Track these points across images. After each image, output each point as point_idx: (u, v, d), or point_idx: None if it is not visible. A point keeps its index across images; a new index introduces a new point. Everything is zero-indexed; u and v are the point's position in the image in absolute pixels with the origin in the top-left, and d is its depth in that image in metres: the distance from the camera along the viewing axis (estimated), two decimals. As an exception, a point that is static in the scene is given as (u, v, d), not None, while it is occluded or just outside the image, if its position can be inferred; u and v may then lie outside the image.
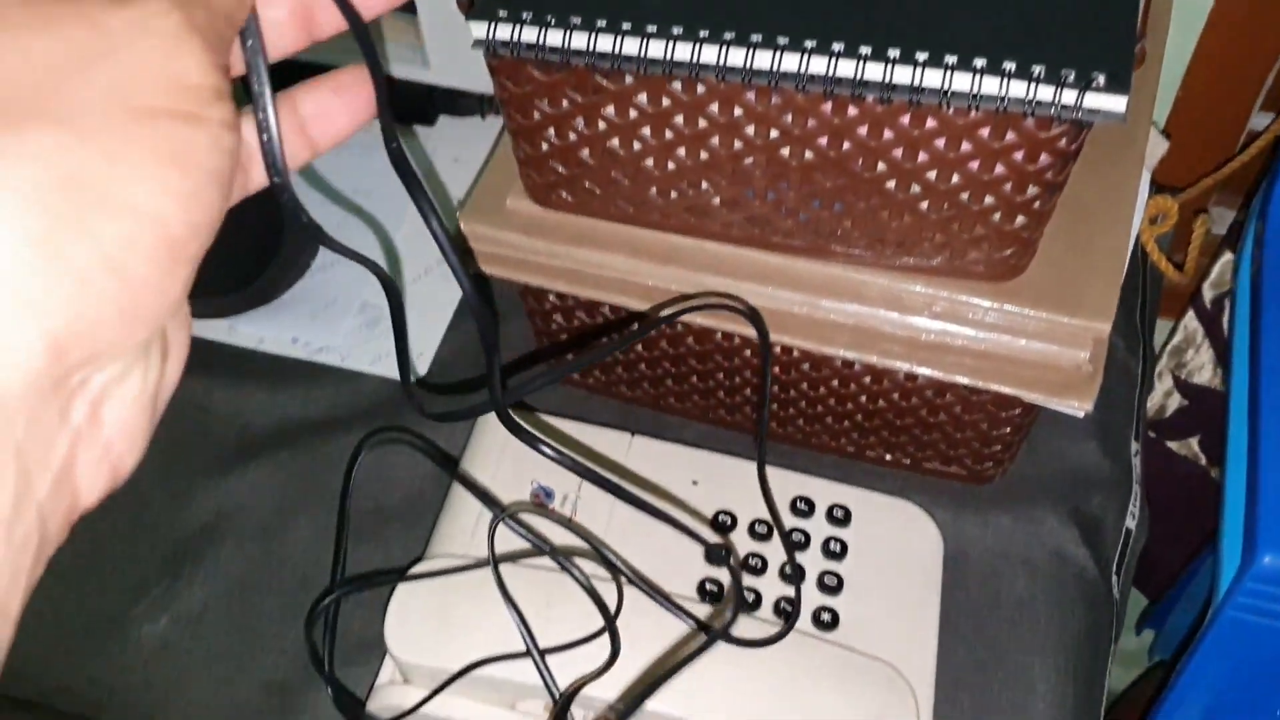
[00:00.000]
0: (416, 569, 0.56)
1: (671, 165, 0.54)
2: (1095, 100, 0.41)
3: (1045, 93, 0.41)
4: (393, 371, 0.73)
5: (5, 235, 0.19)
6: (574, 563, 0.53)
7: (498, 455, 0.62)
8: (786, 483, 0.62)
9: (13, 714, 0.61)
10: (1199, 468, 0.90)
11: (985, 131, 0.46)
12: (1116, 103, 0.41)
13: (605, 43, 0.45)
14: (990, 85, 0.42)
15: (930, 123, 0.47)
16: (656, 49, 0.45)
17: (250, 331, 0.75)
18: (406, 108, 0.85)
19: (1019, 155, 0.47)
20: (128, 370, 0.24)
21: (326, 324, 0.75)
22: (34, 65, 0.20)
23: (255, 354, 0.74)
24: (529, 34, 0.46)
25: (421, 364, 0.73)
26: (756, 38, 0.44)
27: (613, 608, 0.51)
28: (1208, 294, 0.84)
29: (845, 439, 0.66)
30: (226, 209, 0.24)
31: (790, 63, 0.44)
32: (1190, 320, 0.86)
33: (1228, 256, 0.83)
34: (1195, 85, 0.74)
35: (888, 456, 0.66)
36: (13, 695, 0.61)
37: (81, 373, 0.22)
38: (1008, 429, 0.61)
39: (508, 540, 0.57)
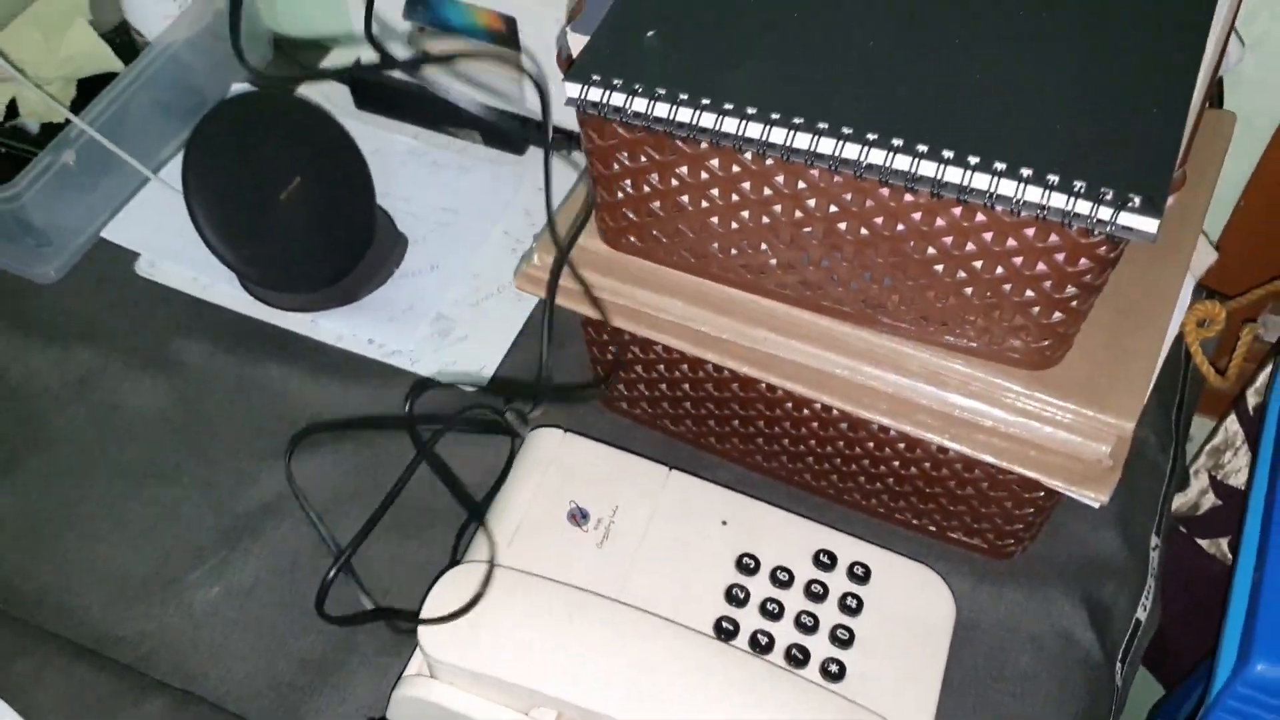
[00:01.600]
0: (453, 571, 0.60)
1: (735, 225, 0.57)
2: (1129, 220, 0.44)
3: (1083, 207, 0.44)
4: (461, 379, 0.77)
5: None
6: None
7: (541, 472, 0.66)
8: (813, 535, 0.64)
9: (68, 660, 0.65)
10: (1226, 568, 0.91)
11: (1030, 231, 0.50)
12: (1149, 224, 0.44)
13: (685, 114, 0.49)
14: (1033, 194, 0.45)
15: (979, 216, 0.50)
16: (730, 125, 0.49)
17: (331, 328, 0.80)
18: (501, 136, 0.89)
19: (1060, 256, 0.50)
20: None
21: (402, 328, 0.79)
22: None
23: (333, 349, 0.79)
24: (617, 99, 0.50)
25: (483, 376, 0.77)
26: (823, 125, 0.48)
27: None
28: (1251, 400, 0.86)
29: (876, 500, 0.69)
30: None
31: (851, 151, 0.47)
32: (1232, 423, 0.87)
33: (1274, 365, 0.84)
34: (1255, 200, 0.76)
35: (914, 521, 0.69)
36: (71, 640, 0.66)
37: None
38: (1030, 509, 0.63)
39: (537, 555, 0.60)
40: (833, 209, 0.53)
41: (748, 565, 0.63)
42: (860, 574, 0.63)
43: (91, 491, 0.73)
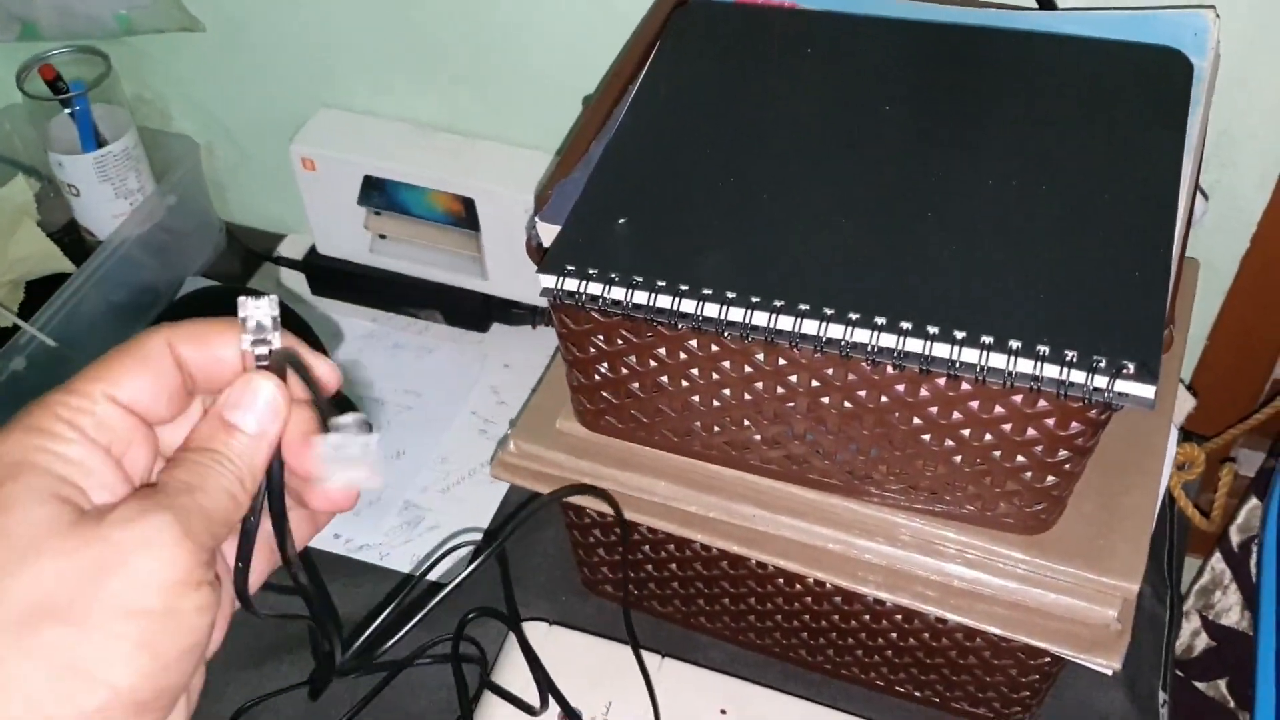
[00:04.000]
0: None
1: (716, 403, 0.56)
2: (1124, 386, 0.43)
3: (1077, 377, 0.44)
4: (430, 574, 0.74)
5: (10, 708, 0.26)
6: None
7: (526, 671, 0.63)
8: (815, 718, 0.62)
9: None
10: (1228, 710, 0.89)
11: (1018, 398, 0.49)
12: (1145, 390, 0.43)
13: (664, 301, 0.48)
14: (1025, 366, 0.44)
15: (964, 385, 0.49)
16: (711, 310, 0.48)
17: (295, 525, 0.77)
18: (463, 314, 0.89)
19: (1050, 421, 0.50)
20: None
21: (369, 521, 0.77)
22: (63, 578, 0.27)
23: (298, 548, 0.76)
24: (594, 288, 0.49)
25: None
26: (804, 306, 0.47)
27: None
28: (1235, 537, 0.85)
29: (875, 673, 0.67)
30: (204, 659, 0.30)
31: (835, 332, 0.47)
32: (1218, 562, 0.86)
33: (1254, 501, 0.84)
34: (1222, 341, 0.76)
35: (916, 693, 0.67)
36: None
37: None
38: (1036, 676, 0.61)
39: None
40: (815, 383, 0.53)
41: (751, 756, 0.60)
42: (868, 756, 0.61)
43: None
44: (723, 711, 0.62)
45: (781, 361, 0.52)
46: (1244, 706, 0.88)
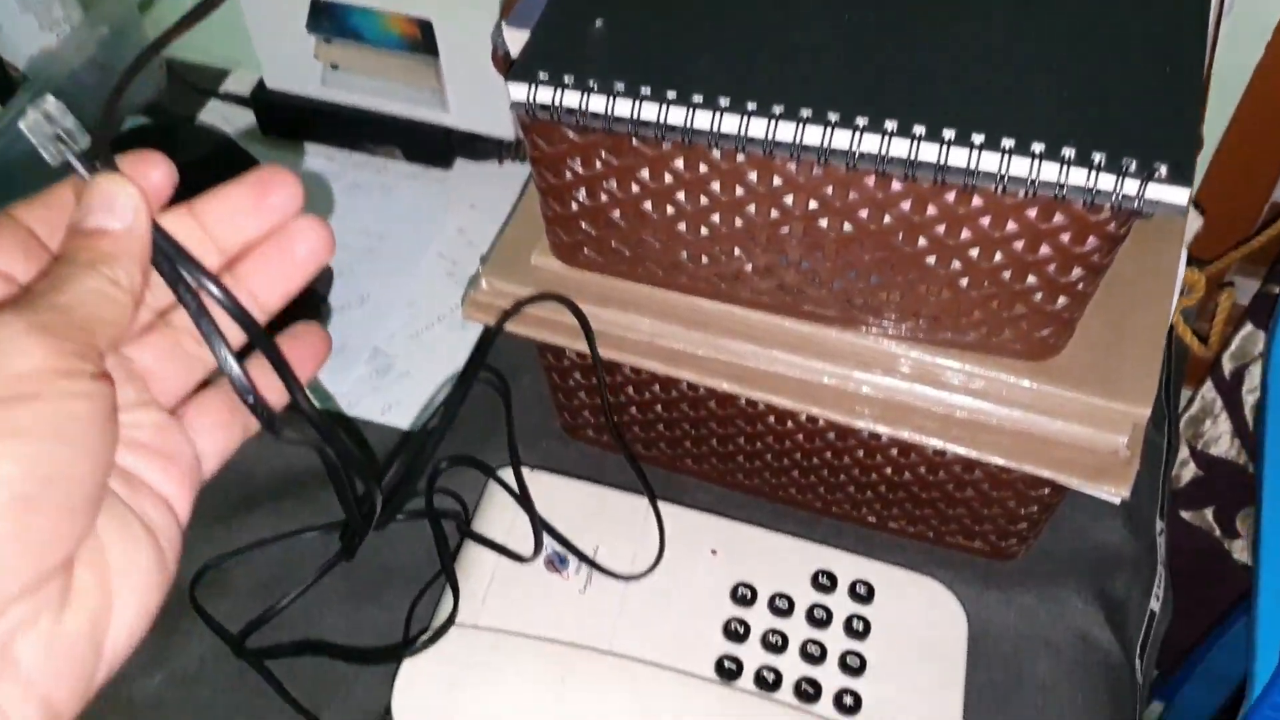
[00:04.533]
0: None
1: (704, 231, 0.52)
2: (1157, 192, 0.40)
3: (1106, 181, 0.40)
4: (402, 421, 0.71)
5: None
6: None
7: (510, 519, 0.60)
8: (809, 555, 0.60)
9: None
10: (1213, 539, 0.89)
11: (1032, 212, 0.45)
12: (1179, 194, 0.40)
13: (650, 111, 0.44)
14: (1049, 171, 0.41)
15: (976, 201, 0.46)
16: (703, 120, 0.44)
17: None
18: (424, 150, 0.83)
19: (1065, 237, 0.46)
20: (36, 613, 0.26)
21: (335, 370, 0.73)
22: None
23: (261, 399, 0.72)
24: (570, 98, 0.45)
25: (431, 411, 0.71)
26: (806, 112, 0.43)
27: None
28: (1227, 365, 0.83)
29: (867, 509, 0.65)
30: (105, 449, 0.28)
31: (841, 140, 0.42)
32: (1208, 390, 0.85)
33: (1249, 328, 0.82)
34: (1225, 161, 0.73)
35: (910, 529, 0.65)
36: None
37: None
38: (1035, 507, 0.59)
39: (516, 609, 0.55)
40: (812, 205, 0.49)
41: (744, 596, 0.58)
42: (863, 594, 0.59)
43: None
44: (713, 551, 0.59)
45: (776, 182, 0.48)
46: (1230, 534, 0.88)
